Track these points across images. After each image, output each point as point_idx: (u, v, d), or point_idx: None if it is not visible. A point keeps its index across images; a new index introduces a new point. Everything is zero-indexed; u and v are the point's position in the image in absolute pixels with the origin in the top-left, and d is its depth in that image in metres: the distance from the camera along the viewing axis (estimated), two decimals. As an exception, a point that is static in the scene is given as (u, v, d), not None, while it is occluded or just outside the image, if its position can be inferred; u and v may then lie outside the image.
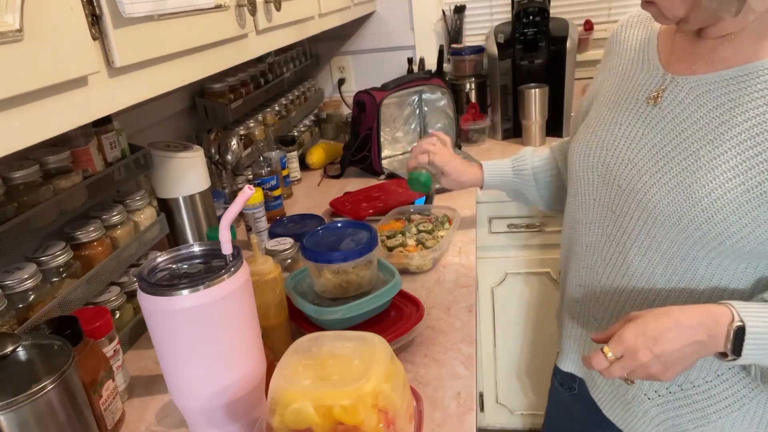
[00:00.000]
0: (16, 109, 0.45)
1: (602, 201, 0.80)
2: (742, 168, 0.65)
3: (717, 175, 0.66)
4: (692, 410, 0.76)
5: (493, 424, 1.90)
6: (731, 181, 0.65)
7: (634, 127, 0.76)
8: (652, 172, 0.72)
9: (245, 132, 1.51)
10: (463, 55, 1.91)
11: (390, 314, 0.92)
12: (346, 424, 0.56)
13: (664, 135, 0.72)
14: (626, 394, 0.83)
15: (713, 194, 0.66)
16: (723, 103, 0.68)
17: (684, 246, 0.70)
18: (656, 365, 0.64)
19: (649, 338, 0.63)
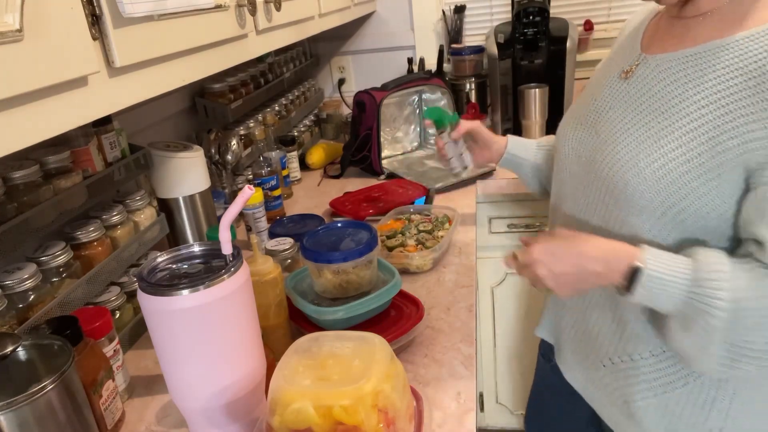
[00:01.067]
0: (16, 109, 0.45)
1: (575, 174, 0.83)
2: (686, 139, 0.66)
3: (662, 146, 0.68)
4: (641, 381, 0.78)
5: (493, 424, 1.90)
6: (674, 152, 0.67)
7: (605, 101, 0.80)
8: (611, 144, 0.74)
9: (245, 132, 1.51)
10: (463, 55, 1.91)
11: (390, 314, 0.92)
12: (346, 424, 0.56)
13: (626, 108, 0.75)
14: (585, 360, 0.86)
15: (655, 164, 0.68)
16: (680, 78, 0.70)
17: (632, 216, 0.72)
18: (551, 281, 0.72)
19: (552, 258, 0.72)
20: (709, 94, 0.66)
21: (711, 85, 0.66)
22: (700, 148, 0.66)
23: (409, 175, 1.61)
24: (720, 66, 0.66)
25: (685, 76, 0.69)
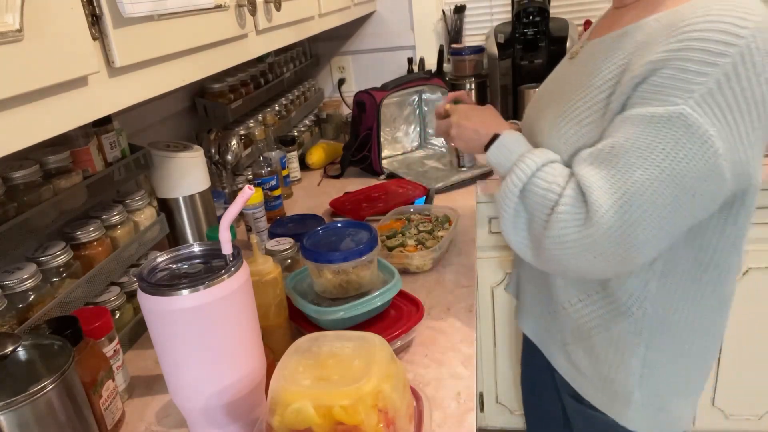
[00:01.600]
0: (17, 109, 0.45)
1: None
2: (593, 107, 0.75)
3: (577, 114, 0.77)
4: (572, 327, 0.88)
5: (493, 424, 1.90)
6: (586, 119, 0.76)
7: (551, 81, 0.92)
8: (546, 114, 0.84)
9: (245, 132, 1.51)
10: (463, 55, 1.91)
11: (390, 314, 0.92)
12: (346, 424, 0.56)
13: (564, 84, 0.84)
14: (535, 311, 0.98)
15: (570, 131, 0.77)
16: (599, 57, 0.77)
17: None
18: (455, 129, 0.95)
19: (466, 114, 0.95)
20: (613, 67, 0.73)
21: (615, 61, 0.73)
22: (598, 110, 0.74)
23: (409, 175, 1.61)
24: (627, 43, 0.73)
25: (602, 55, 0.76)
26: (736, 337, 1.61)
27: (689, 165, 0.64)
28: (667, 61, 0.64)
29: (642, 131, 0.65)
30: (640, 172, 0.65)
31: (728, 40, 0.61)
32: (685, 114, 0.63)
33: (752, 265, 1.53)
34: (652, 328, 0.80)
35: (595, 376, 0.88)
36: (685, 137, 0.63)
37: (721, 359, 1.65)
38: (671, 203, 0.65)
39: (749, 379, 1.66)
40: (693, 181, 0.64)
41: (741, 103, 0.62)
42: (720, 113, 0.62)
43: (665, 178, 0.64)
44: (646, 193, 0.65)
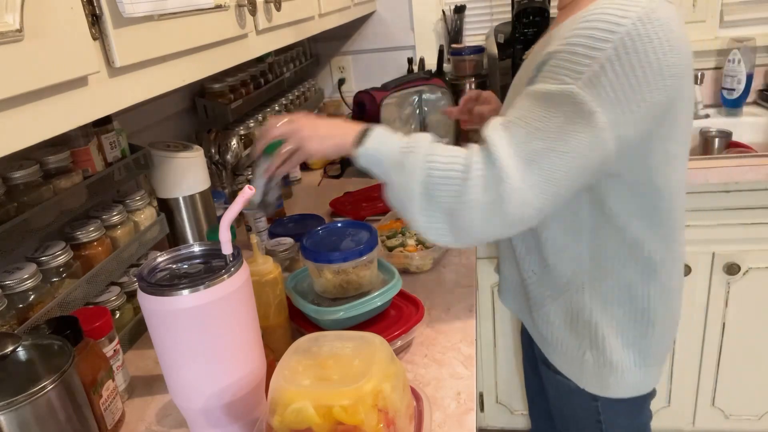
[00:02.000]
0: (16, 109, 0.45)
1: None
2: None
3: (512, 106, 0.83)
4: (533, 295, 0.97)
5: (493, 424, 1.90)
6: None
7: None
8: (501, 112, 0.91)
9: (245, 132, 1.50)
10: (463, 55, 1.91)
11: (390, 314, 0.92)
12: (346, 424, 0.56)
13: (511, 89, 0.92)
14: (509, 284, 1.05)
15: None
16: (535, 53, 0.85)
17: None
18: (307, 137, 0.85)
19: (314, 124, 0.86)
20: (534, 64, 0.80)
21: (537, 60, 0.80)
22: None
23: (409, 175, 1.61)
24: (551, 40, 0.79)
25: (534, 55, 0.85)
26: (736, 337, 1.62)
27: (578, 136, 0.72)
28: (562, 48, 0.74)
29: (539, 105, 0.74)
30: (537, 141, 0.73)
31: (610, 29, 0.70)
32: (574, 92, 0.71)
33: (752, 265, 1.53)
34: (592, 296, 0.89)
35: (554, 341, 0.96)
36: (574, 112, 0.71)
37: (721, 359, 1.66)
38: (562, 168, 0.73)
39: (749, 379, 1.66)
40: (582, 150, 0.72)
41: (624, 84, 0.70)
42: (604, 93, 0.70)
43: (558, 147, 0.72)
44: (543, 160, 0.72)
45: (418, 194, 0.77)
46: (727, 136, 1.76)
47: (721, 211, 1.49)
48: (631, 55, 0.69)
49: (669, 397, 1.73)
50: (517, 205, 0.72)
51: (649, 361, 0.92)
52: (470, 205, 0.74)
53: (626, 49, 0.69)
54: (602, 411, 0.97)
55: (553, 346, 0.97)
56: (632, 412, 0.99)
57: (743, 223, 1.49)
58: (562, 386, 0.99)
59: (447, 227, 0.77)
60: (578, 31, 0.72)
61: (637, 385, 0.94)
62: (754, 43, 1.80)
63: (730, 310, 1.59)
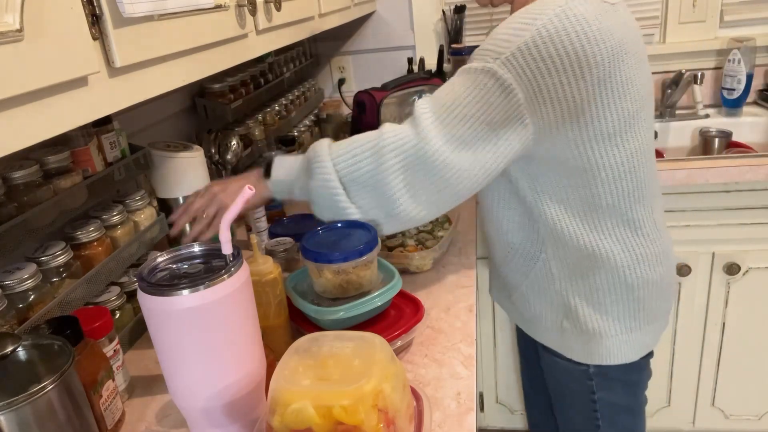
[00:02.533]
0: (17, 109, 0.45)
1: None
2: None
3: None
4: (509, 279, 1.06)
5: (493, 424, 1.90)
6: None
7: None
8: None
9: (245, 132, 1.50)
10: (463, 55, 1.91)
11: (390, 314, 0.92)
12: (346, 424, 0.56)
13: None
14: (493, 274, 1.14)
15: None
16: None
17: None
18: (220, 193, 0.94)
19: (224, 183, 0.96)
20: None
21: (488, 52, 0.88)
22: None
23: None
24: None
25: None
26: (736, 337, 1.62)
27: (497, 107, 0.80)
28: (489, 38, 0.83)
29: (463, 79, 0.83)
30: (459, 109, 0.81)
31: (528, 21, 0.79)
32: (494, 69, 0.79)
33: (752, 265, 1.53)
34: (557, 267, 0.96)
35: (533, 317, 1.04)
36: (493, 85, 0.79)
37: (721, 359, 1.66)
38: (481, 135, 0.81)
39: (749, 379, 1.66)
40: (499, 120, 0.80)
41: (541, 68, 0.78)
42: (522, 72, 0.78)
43: (477, 115, 0.80)
44: (463, 127, 0.80)
45: (338, 188, 0.84)
46: (727, 136, 1.76)
47: (721, 211, 1.49)
48: (548, 44, 0.78)
49: (669, 397, 1.73)
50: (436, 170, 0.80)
51: (632, 326, 0.96)
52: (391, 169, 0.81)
53: (542, 38, 0.78)
54: (597, 389, 1.03)
55: (534, 323, 1.05)
56: (627, 389, 1.04)
57: (743, 223, 1.49)
58: (556, 365, 1.05)
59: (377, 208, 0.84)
60: (504, 27, 0.83)
61: (623, 351, 0.98)
62: (754, 43, 1.80)
63: (730, 310, 1.59)
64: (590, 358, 0.99)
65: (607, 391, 1.02)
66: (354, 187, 0.84)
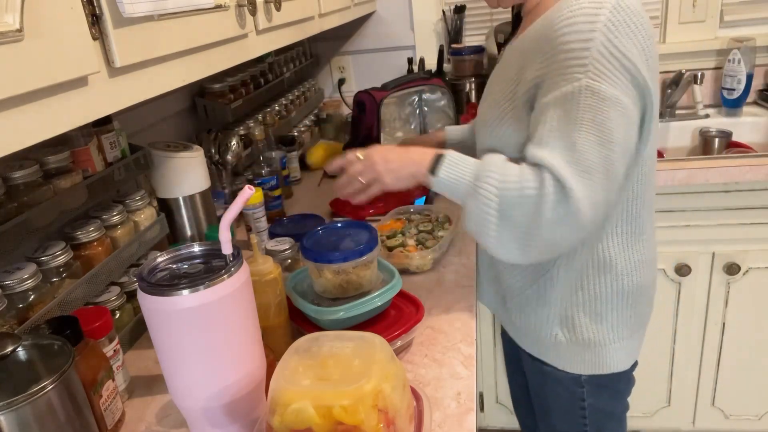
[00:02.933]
0: (16, 109, 0.45)
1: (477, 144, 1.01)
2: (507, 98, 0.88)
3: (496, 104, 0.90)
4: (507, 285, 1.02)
5: (493, 424, 1.90)
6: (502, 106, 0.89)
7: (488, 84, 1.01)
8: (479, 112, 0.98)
9: (245, 132, 1.50)
10: (463, 55, 1.91)
11: (390, 314, 0.92)
12: (346, 424, 0.56)
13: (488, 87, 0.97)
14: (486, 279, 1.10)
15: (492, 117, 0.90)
16: (511, 55, 0.90)
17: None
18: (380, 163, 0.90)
19: (386, 158, 0.91)
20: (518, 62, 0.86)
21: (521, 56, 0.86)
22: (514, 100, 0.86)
23: (409, 175, 1.61)
24: (527, 41, 0.86)
25: (512, 54, 0.90)
26: (736, 337, 1.62)
27: (613, 123, 0.76)
28: (556, 50, 0.78)
29: (564, 109, 0.77)
30: (582, 142, 0.76)
31: (590, 20, 0.76)
32: (589, 85, 0.75)
33: (752, 265, 1.53)
34: (564, 277, 0.93)
35: (526, 326, 1.01)
36: (598, 102, 0.75)
37: (721, 359, 1.66)
38: (614, 158, 0.77)
39: (749, 379, 1.66)
40: (620, 134, 0.77)
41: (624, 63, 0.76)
42: (611, 74, 0.76)
43: (601, 140, 0.76)
44: (593, 156, 0.76)
45: (493, 219, 0.80)
46: (727, 136, 1.76)
47: (721, 211, 1.49)
48: (619, 38, 0.75)
49: (669, 397, 1.73)
50: (588, 211, 0.76)
51: (625, 333, 0.96)
52: (547, 224, 0.77)
53: (611, 32, 0.75)
54: (587, 396, 1.00)
55: (526, 332, 1.02)
56: (615, 396, 1.04)
57: (743, 223, 1.49)
58: (547, 374, 1.02)
59: (518, 247, 0.81)
60: (562, 30, 0.78)
61: (618, 360, 0.97)
62: (754, 43, 1.80)
63: (730, 310, 1.59)
64: (583, 368, 0.98)
65: (597, 397, 1.01)
66: (506, 223, 0.80)
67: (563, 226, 0.77)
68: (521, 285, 0.99)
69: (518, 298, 1.00)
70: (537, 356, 1.02)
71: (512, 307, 1.02)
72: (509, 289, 1.02)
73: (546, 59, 0.80)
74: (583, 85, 0.75)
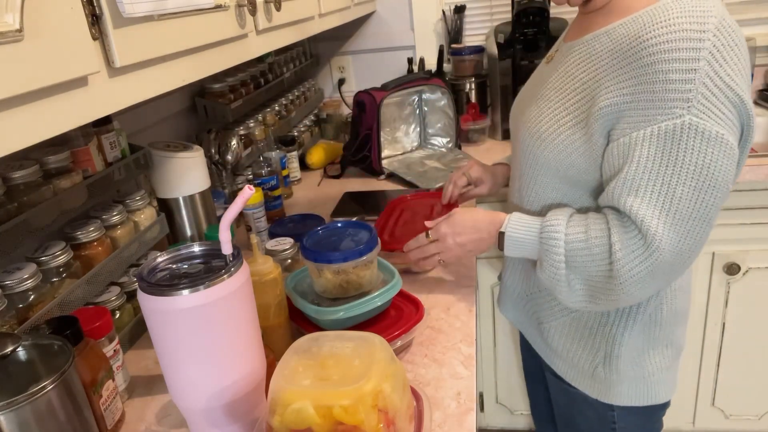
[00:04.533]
0: (17, 109, 0.45)
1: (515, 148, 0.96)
2: (572, 109, 0.80)
3: (555, 115, 0.82)
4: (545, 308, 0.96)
5: (493, 424, 1.90)
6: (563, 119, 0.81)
7: (531, 83, 0.96)
8: (526, 116, 0.89)
9: (245, 132, 1.51)
10: (463, 55, 1.91)
11: (390, 314, 0.92)
12: (346, 424, 0.56)
13: (542, 86, 0.88)
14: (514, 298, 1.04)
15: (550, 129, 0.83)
16: (574, 60, 0.83)
17: (540, 175, 0.88)
18: (455, 248, 0.94)
19: (455, 229, 0.93)
20: (588, 71, 0.79)
21: (590, 64, 0.79)
22: (579, 115, 0.79)
23: (408, 175, 1.61)
24: (599, 48, 0.78)
25: (578, 58, 0.82)
26: (736, 337, 1.62)
27: (717, 165, 0.69)
28: (650, 77, 0.69)
29: (662, 148, 0.70)
30: (680, 188, 0.70)
31: (695, 46, 0.67)
32: (693, 123, 0.68)
33: (752, 265, 1.53)
34: (617, 315, 0.88)
35: (565, 353, 0.95)
36: (703, 143, 0.68)
37: (721, 359, 1.66)
38: (713, 202, 0.71)
39: (749, 379, 1.66)
40: (723, 176, 0.70)
41: (727, 93, 0.68)
42: (717, 110, 0.68)
43: (703, 185, 0.70)
44: (691, 204, 0.71)
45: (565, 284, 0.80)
46: (727, 136, 1.76)
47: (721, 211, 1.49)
48: (724, 65, 0.68)
49: (669, 397, 1.73)
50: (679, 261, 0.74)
51: (665, 364, 0.91)
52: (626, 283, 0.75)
53: (717, 62, 0.68)
54: (618, 419, 0.95)
55: (563, 358, 0.96)
56: (648, 419, 0.97)
57: (743, 223, 1.49)
58: (576, 396, 0.97)
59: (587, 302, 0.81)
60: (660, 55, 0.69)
61: (648, 397, 0.92)
62: (754, 43, 1.80)
63: (730, 310, 1.59)
64: (618, 399, 0.92)
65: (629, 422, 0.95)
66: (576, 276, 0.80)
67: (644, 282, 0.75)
68: (562, 309, 0.93)
69: (557, 323, 0.94)
70: (569, 381, 0.97)
71: (550, 330, 0.96)
72: (547, 312, 0.96)
73: (634, 84, 0.71)
74: (686, 122, 0.68)
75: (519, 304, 1.04)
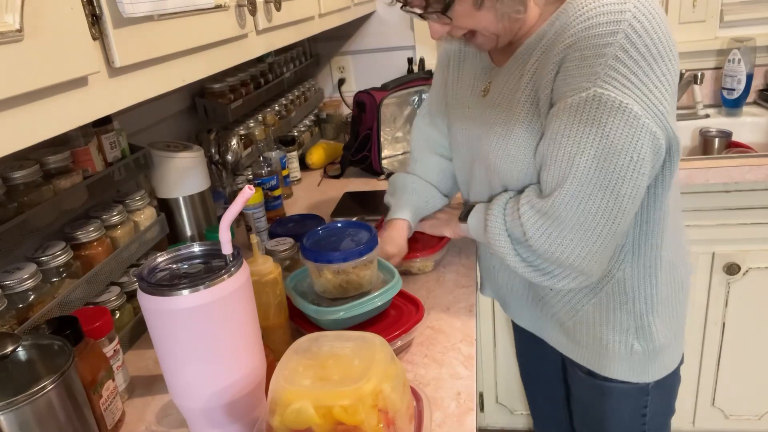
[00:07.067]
0: (17, 109, 0.45)
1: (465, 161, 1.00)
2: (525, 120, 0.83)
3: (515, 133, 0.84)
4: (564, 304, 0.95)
5: (493, 424, 1.90)
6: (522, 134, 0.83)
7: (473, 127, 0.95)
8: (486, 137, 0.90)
9: (245, 132, 1.51)
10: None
11: (390, 314, 0.92)
12: (346, 424, 0.56)
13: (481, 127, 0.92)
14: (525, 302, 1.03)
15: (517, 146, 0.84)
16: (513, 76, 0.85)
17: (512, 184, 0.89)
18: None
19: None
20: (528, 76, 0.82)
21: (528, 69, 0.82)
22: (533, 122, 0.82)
23: (409, 175, 1.61)
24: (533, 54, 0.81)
25: (515, 73, 0.85)
26: (736, 337, 1.62)
27: (617, 133, 0.71)
28: (567, 55, 0.74)
29: (568, 120, 0.74)
30: (580, 157, 0.73)
31: (614, 19, 0.70)
32: (597, 94, 0.71)
33: (752, 265, 1.53)
34: (633, 280, 0.88)
35: (597, 343, 0.93)
36: (605, 112, 0.71)
37: (721, 359, 1.66)
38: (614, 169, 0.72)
39: (749, 379, 1.66)
40: (625, 144, 0.71)
41: (643, 66, 0.70)
42: (626, 81, 0.70)
43: (602, 152, 0.72)
44: (591, 171, 0.73)
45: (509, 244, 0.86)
46: (727, 136, 1.76)
47: (721, 211, 1.49)
48: (643, 37, 0.70)
49: (669, 397, 1.73)
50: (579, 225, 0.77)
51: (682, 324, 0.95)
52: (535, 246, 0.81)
53: (637, 33, 0.70)
54: (650, 403, 0.97)
55: (595, 351, 0.95)
56: (672, 393, 1.02)
57: (743, 223, 1.49)
58: (611, 390, 0.96)
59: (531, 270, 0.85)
60: (580, 34, 0.73)
61: (675, 357, 0.96)
62: (754, 43, 1.80)
63: (730, 310, 1.59)
64: (654, 374, 0.93)
65: (659, 401, 0.98)
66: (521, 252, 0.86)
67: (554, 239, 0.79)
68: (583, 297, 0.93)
69: (581, 313, 0.94)
70: (600, 372, 0.95)
71: (574, 325, 0.95)
72: (568, 306, 0.95)
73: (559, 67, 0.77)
74: (590, 94, 0.72)
75: (534, 310, 1.02)
